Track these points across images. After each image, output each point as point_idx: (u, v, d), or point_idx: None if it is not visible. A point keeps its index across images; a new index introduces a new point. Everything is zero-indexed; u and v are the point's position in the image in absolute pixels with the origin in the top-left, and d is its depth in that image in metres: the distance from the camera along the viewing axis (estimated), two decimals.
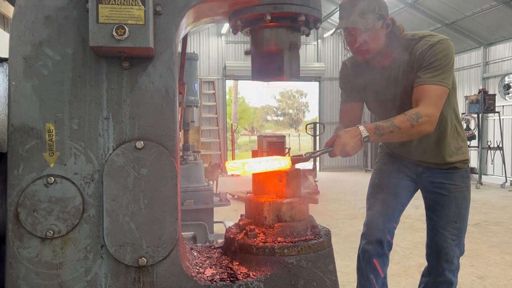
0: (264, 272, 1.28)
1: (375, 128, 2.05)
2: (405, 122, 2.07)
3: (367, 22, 2.14)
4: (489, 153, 11.74)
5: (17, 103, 1.17)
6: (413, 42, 2.27)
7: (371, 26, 2.15)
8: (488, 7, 10.63)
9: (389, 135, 2.08)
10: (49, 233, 1.17)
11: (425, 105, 2.13)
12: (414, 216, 6.32)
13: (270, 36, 1.38)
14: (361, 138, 2.01)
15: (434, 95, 2.17)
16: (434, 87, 2.17)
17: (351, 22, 2.16)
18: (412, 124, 2.07)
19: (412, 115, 2.09)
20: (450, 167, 2.45)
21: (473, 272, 4.40)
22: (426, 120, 2.10)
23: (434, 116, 2.14)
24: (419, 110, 2.11)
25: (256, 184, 1.52)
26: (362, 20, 2.14)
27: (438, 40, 2.22)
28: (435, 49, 2.19)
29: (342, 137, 1.97)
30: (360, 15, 2.14)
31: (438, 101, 2.18)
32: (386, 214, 2.57)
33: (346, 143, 1.96)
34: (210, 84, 15.12)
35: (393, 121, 2.09)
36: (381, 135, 2.07)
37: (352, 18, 2.15)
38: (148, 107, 1.22)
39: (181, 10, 1.22)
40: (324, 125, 4.65)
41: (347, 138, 1.97)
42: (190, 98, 4.54)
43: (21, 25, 1.17)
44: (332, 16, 14.87)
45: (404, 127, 2.07)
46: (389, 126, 2.06)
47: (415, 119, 2.08)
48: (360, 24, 2.14)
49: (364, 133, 2.01)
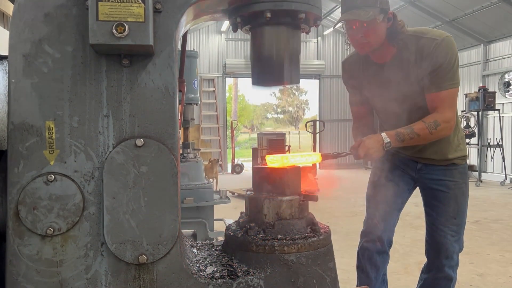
0: (264, 270, 1.29)
1: (396, 135, 2.23)
2: (424, 130, 2.24)
3: (368, 14, 2.17)
4: (489, 151, 11.75)
5: (17, 101, 1.17)
6: (414, 39, 2.28)
7: (372, 18, 2.18)
8: (488, 5, 10.62)
9: (409, 141, 2.26)
10: (49, 230, 1.17)
11: (442, 112, 2.26)
12: (414, 214, 6.32)
13: (270, 41, 1.37)
14: (383, 143, 2.20)
15: (449, 99, 2.29)
16: (447, 92, 2.27)
17: (353, 14, 2.19)
18: (431, 132, 2.24)
19: (431, 123, 2.24)
20: (449, 164, 2.47)
21: (473, 270, 4.40)
22: (444, 127, 2.26)
23: (452, 120, 2.30)
24: (437, 118, 2.25)
25: (256, 182, 1.52)
26: (363, 13, 2.17)
27: (442, 39, 2.23)
28: (441, 48, 2.22)
29: (366, 142, 2.19)
30: (362, 8, 2.18)
31: (453, 102, 2.33)
32: (386, 212, 2.57)
33: (370, 147, 2.18)
34: (210, 81, 15.11)
35: (413, 128, 2.25)
36: (401, 141, 2.25)
37: (354, 11, 2.19)
38: (148, 105, 1.22)
39: (181, 8, 1.22)
40: (324, 122, 4.62)
41: (371, 143, 2.19)
42: (190, 95, 4.54)
43: (21, 23, 1.17)
44: (332, 14, 14.86)
45: (423, 134, 2.24)
46: (409, 133, 2.24)
47: (433, 127, 2.24)
48: (362, 16, 2.17)
49: (386, 139, 2.21)
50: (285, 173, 1.44)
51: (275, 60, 1.37)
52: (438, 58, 2.22)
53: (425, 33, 2.29)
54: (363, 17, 2.18)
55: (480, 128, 11.48)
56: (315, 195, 1.46)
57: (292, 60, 1.39)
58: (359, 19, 2.19)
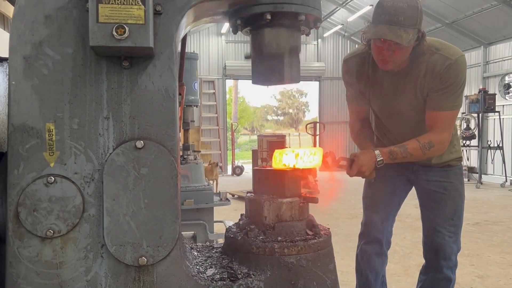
0: (264, 272, 1.28)
1: (389, 153, 2.23)
2: (417, 150, 2.24)
3: (409, 37, 2.04)
4: (489, 153, 11.74)
5: (17, 103, 1.17)
6: (428, 54, 2.21)
7: (411, 44, 2.08)
8: (488, 7, 10.63)
9: (401, 159, 2.26)
10: (49, 232, 1.17)
11: (438, 133, 2.25)
12: (414, 216, 6.31)
13: (271, 40, 1.37)
14: (376, 161, 2.19)
15: (448, 121, 2.28)
16: (448, 113, 2.26)
17: (394, 32, 2.03)
18: (424, 152, 2.25)
19: (425, 144, 2.23)
20: (444, 165, 2.47)
21: (473, 272, 4.40)
22: (438, 148, 2.26)
23: (447, 141, 2.29)
24: (432, 139, 2.24)
25: (256, 184, 1.52)
26: (405, 35, 2.03)
27: (455, 59, 2.18)
28: (452, 71, 2.18)
29: (361, 159, 2.16)
30: (403, 27, 2.03)
31: (451, 124, 2.33)
32: (383, 213, 2.57)
33: (363, 164, 2.15)
34: (210, 83, 15.12)
35: (407, 147, 2.25)
36: (394, 159, 2.25)
37: (395, 28, 2.03)
38: (148, 107, 1.22)
39: (181, 10, 1.22)
40: (324, 124, 4.63)
41: (365, 161, 2.16)
42: (190, 97, 4.54)
43: (21, 25, 1.17)
44: (333, 16, 14.88)
45: (416, 154, 2.25)
46: (402, 152, 2.24)
47: (427, 148, 2.24)
48: (403, 39, 2.03)
49: (379, 157, 2.19)
50: (285, 175, 1.44)
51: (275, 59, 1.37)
52: (447, 79, 2.17)
53: (439, 49, 2.21)
54: (404, 41, 2.03)
55: (480, 130, 11.47)
56: (315, 197, 1.46)
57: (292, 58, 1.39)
58: (401, 42, 2.03)
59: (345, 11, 14.21)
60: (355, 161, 2.16)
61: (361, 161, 2.16)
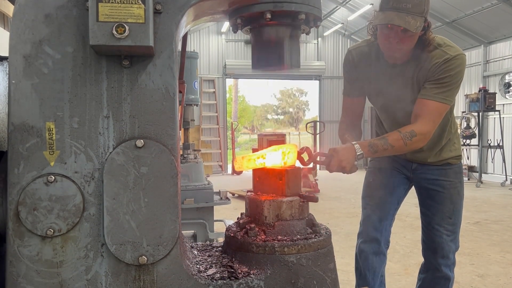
0: (264, 271, 1.28)
1: (369, 146, 2.15)
2: (399, 141, 2.16)
3: (417, 24, 2.05)
4: (490, 152, 11.74)
5: (17, 102, 1.17)
6: (430, 48, 2.23)
7: (419, 30, 2.09)
8: (488, 6, 10.63)
9: (383, 152, 2.19)
10: (49, 231, 1.17)
11: (423, 123, 2.19)
12: (414, 215, 6.31)
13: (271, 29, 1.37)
14: (355, 155, 2.11)
15: (434, 112, 2.22)
16: (437, 104, 2.20)
17: (402, 19, 2.05)
18: (406, 143, 2.17)
19: (406, 134, 2.16)
20: (443, 164, 2.47)
21: (474, 271, 4.40)
22: (419, 139, 2.18)
23: (429, 133, 2.22)
24: (414, 129, 2.17)
25: (256, 183, 1.52)
26: (413, 21, 2.05)
27: (455, 55, 2.19)
28: (449, 64, 2.18)
29: (340, 154, 2.07)
30: (411, 14, 2.05)
31: (437, 118, 2.24)
32: (382, 212, 2.57)
33: (343, 159, 2.06)
34: (210, 82, 15.12)
35: (387, 139, 2.17)
36: (374, 152, 2.17)
37: (403, 15, 2.06)
38: (148, 106, 1.22)
39: (181, 9, 1.22)
40: (324, 123, 4.63)
41: (344, 155, 2.07)
42: (190, 96, 4.54)
43: (21, 24, 1.17)
44: (333, 15, 14.87)
45: (397, 145, 2.17)
46: (383, 144, 2.16)
47: (409, 137, 2.16)
48: (411, 25, 2.05)
49: (358, 151, 2.11)
50: (286, 174, 1.44)
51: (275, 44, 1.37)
52: (443, 71, 2.18)
53: (441, 45, 2.23)
54: (412, 27, 2.05)
55: (480, 129, 11.47)
56: (315, 196, 1.46)
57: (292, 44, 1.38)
58: (409, 28, 2.05)
59: (345, 10, 14.20)
60: (334, 156, 2.06)
61: (341, 155, 2.06)
